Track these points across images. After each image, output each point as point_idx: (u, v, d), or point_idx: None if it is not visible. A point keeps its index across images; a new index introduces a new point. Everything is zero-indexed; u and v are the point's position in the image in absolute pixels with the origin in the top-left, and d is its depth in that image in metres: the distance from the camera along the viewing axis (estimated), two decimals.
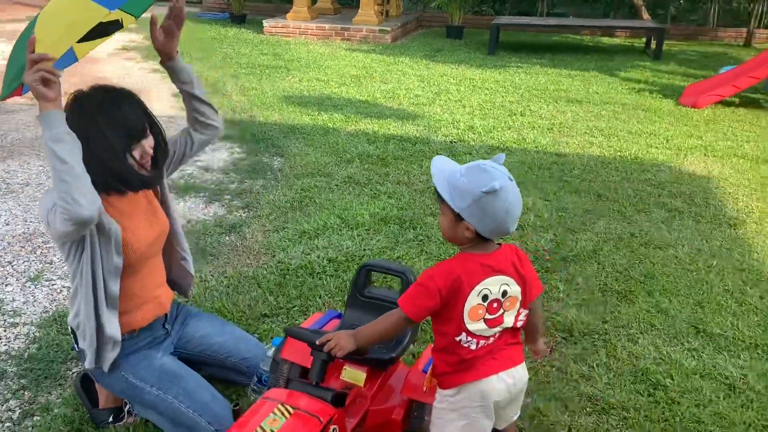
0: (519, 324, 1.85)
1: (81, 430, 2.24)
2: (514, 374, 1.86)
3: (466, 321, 1.74)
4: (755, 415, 2.42)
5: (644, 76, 8.37)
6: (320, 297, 3.06)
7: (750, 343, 2.84)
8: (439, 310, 1.74)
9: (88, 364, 2.11)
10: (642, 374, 2.62)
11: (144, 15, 2.07)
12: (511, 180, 1.66)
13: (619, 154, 5.27)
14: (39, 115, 1.79)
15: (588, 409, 2.43)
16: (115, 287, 2.05)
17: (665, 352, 2.76)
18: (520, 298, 1.81)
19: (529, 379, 2.54)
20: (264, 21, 11.20)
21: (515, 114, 6.41)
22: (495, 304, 1.76)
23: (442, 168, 1.74)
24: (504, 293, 1.77)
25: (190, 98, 2.27)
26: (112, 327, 2.07)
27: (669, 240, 3.77)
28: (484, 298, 1.74)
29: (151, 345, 2.23)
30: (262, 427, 1.65)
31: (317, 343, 1.82)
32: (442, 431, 1.87)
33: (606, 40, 11.55)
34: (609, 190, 4.47)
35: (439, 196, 1.73)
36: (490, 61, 9.21)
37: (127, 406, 2.26)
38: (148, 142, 2.06)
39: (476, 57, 9.51)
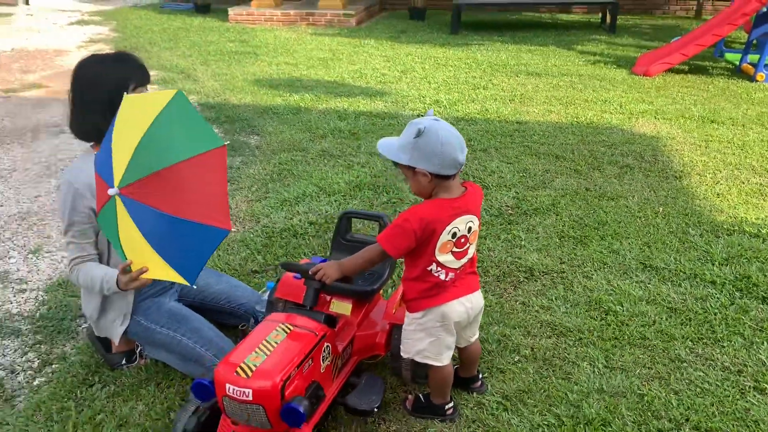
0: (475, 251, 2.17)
1: (98, 371, 2.50)
2: (472, 299, 2.18)
3: (436, 254, 2.04)
4: (692, 330, 2.77)
5: (600, 49, 8.75)
6: (305, 254, 3.34)
7: (690, 274, 3.19)
8: (415, 247, 2.03)
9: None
10: (595, 303, 2.96)
11: None
12: (438, 120, 1.97)
13: (575, 120, 5.61)
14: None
15: (548, 333, 2.76)
16: None
17: (616, 285, 3.10)
18: (478, 230, 2.13)
19: (495, 311, 2.88)
20: (229, 9, 11.32)
21: (478, 88, 6.72)
22: (462, 239, 2.07)
23: (384, 143, 2.06)
24: (469, 229, 2.08)
25: None
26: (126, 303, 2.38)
27: (620, 192, 4.12)
28: (453, 235, 2.04)
29: (158, 293, 2.49)
30: (267, 340, 1.93)
31: (309, 272, 2.11)
32: (413, 348, 2.17)
33: (564, 16, 11.91)
34: (566, 152, 4.81)
35: (395, 163, 2.03)
36: (453, 40, 9.50)
37: (139, 349, 2.51)
38: None
39: (439, 37, 9.78)
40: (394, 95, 6.41)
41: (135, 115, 1.96)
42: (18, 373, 2.52)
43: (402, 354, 2.24)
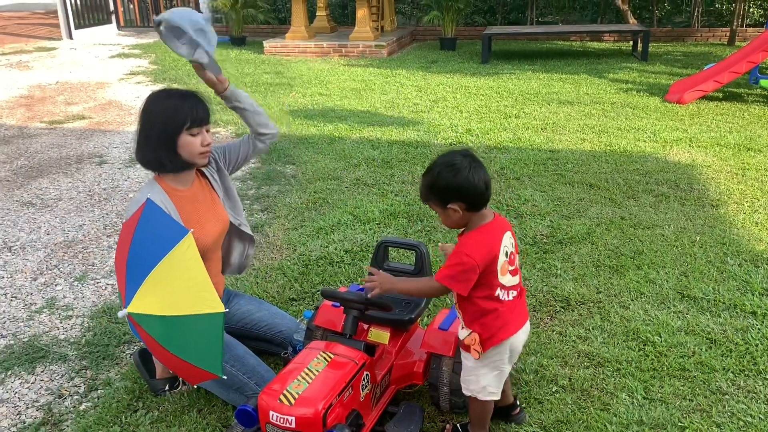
0: None
1: (141, 397, 2.56)
2: (527, 329, 2.21)
3: (499, 277, 2.06)
4: (734, 362, 2.73)
5: (631, 77, 8.74)
6: (341, 282, 3.39)
7: (729, 304, 3.15)
8: (478, 279, 2.03)
9: None
10: (633, 334, 2.94)
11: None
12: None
13: (609, 148, 5.61)
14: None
15: (585, 363, 2.75)
16: None
17: (654, 315, 3.08)
18: None
19: (532, 341, 2.89)
20: (264, 42, 11.61)
21: (510, 117, 6.76)
22: (512, 256, 2.11)
23: None
24: (512, 244, 2.11)
25: (244, 114, 2.66)
26: None
27: (656, 221, 4.10)
28: (507, 254, 2.08)
29: None
30: (309, 368, 1.97)
31: (363, 282, 2.14)
32: (479, 384, 2.16)
33: (594, 44, 11.93)
34: (600, 181, 4.80)
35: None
36: (484, 69, 9.58)
37: None
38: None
39: (470, 66, 9.88)
40: (426, 124, 6.49)
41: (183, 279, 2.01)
42: (65, 398, 2.60)
43: (464, 392, 2.20)
